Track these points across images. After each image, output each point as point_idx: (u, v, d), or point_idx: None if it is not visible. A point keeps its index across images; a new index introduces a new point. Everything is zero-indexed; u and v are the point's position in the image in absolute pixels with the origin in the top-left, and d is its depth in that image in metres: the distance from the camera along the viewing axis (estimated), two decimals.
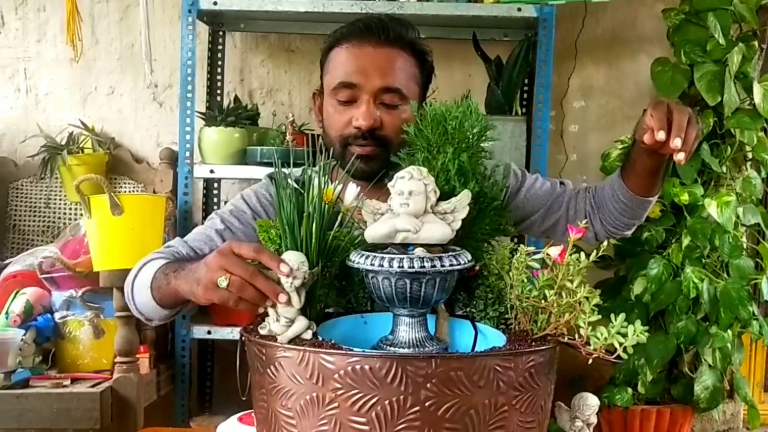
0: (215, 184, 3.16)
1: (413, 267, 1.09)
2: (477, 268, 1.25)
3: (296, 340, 1.10)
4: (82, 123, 2.98)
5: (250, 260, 1.15)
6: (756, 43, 2.83)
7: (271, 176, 1.74)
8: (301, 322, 1.11)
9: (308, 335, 1.11)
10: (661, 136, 1.37)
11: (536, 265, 1.16)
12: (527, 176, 1.81)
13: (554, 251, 1.13)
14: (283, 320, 1.10)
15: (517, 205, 1.75)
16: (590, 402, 1.28)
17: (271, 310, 1.12)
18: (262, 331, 1.13)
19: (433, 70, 1.73)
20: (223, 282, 1.13)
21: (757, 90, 2.75)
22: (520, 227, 1.79)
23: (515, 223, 1.65)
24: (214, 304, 1.19)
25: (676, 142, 1.36)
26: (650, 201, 1.71)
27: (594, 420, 1.29)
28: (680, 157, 1.38)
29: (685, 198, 2.74)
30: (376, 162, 1.59)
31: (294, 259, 1.11)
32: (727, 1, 2.75)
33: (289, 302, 1.11)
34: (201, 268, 1.21)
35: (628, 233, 1.82)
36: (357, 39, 1.62)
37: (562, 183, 1.84)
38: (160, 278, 1.41)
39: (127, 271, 1.56)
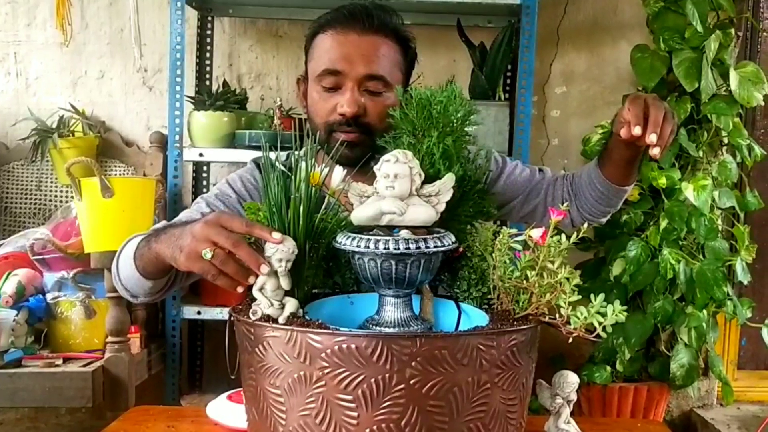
0: (204, 168, 3.18)
1: (398, 249, 1.11)
2: (461, 249, 1.27)
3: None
4: (73, 107, 2.98)
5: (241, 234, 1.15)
6: (732, 30, 2.85)
7: (256, 161, 1.75)
8: (293, 301, 1.12)
9: (300, 312, 1.13)
10: (637, 131, 1.40)
11: (518, 247, 1.18)
12: (507, 163, 1.83)
13: (536, 233, 1.14)
14: (276, 303, 1.11)
15: (497, 191, 1.76)
16: (570, 379, 1.32)
17: (260, 296, 1.12)
18: (254, 317, 1.11)
19: (416, 56, 1.73)
20: (207, 254, 1.12)
21: (733, 77, 2.77)
22: (499, 212, 1.80)
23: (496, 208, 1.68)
24: (205, 285, 1.18)
25: (652, 137, 1.40)
26: (625, 190, 1.74)
27: (574, 397, 1.33)
28: (655, 152, 1.41)
29: (662, 182, 2.77)
30: (359, 148, 1.59)
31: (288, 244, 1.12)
32: None
33: (272, 277, 1.11)
34: (185, 235, 1.19)
35: (603, 221, 1.85)
36: (342, 26, 1.61)
37: (540, 170, 1.86)
38: (143, 247, 1.37)
39: None
